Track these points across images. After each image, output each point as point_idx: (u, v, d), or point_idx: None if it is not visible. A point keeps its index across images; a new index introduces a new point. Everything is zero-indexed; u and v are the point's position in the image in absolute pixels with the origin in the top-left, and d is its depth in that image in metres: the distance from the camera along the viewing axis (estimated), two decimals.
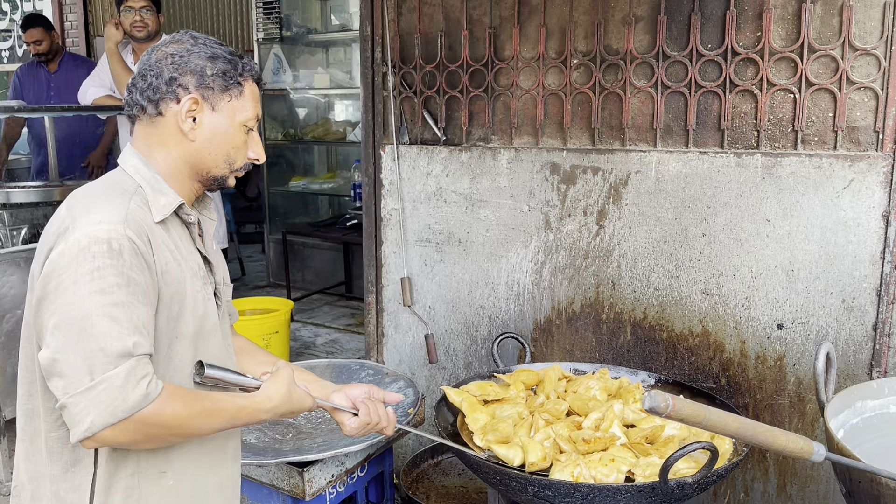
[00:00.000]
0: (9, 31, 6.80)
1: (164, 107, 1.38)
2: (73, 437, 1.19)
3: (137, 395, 1.18)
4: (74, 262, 1.21)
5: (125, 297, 1.21)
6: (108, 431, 1.17)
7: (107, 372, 1.17)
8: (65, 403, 1.18)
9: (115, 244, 1.23)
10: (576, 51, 2.57)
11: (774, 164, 2.28)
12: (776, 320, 2.33)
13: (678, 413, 1.13)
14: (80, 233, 1.23)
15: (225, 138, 1.42)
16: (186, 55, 1.38)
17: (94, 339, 1.17)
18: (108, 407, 1.16)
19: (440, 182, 2.92)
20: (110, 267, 1.21)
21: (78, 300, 1.19)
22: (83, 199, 1.33)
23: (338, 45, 6.04)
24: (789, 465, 2.39)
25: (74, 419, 1.17)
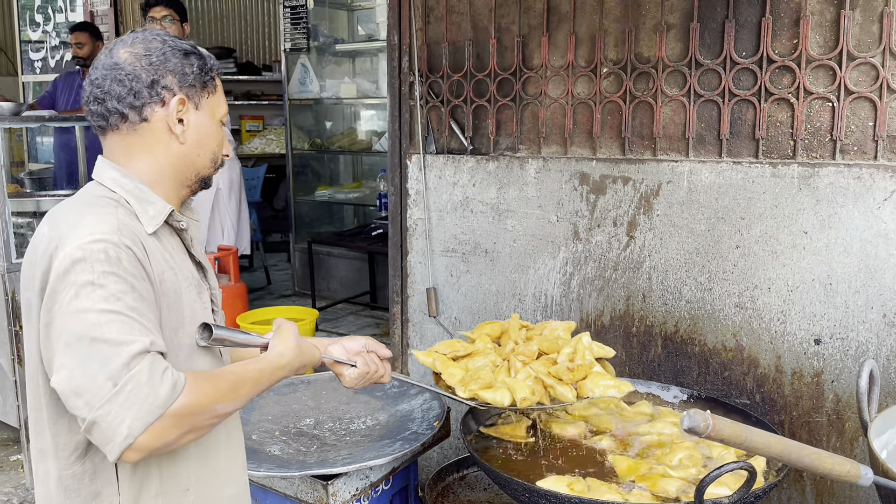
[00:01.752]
0: (42, 42, 6.92)
1: (148, 112, 1.31)
2: (112, 453, 1.10)
3: (166, 386, 1.11)
4: (72, 275, 1.15)
5: (131, 302, 1.15)
6: (148, 434, 1.09)
7: (129, 373, 1.09)
8: (93, 419, 1.08)
9: (112, 252, 1.17)
10: (606, 59, 2.53)
11: (812, 174, 2.21)
12: (813, 335, 2.26)
13: (718, 433, 1.09)
14: (71, 247, 1.16)
15: (210, 136, 1.39)
16: (161, 55, 1.32)
17: (108, 344, 1.10)
18: (142, 406, 1.09)
19: (467, 192, 2.89)
20: (111, 275, 1.15)
21: (81, 311, 1.12)
22: (65, 216, 1.26)
23: (364, 55, 6.05)
24: (827, 486, 2.31)
25: (109, 431, 1.08)
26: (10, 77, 8.64)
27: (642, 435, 2.01)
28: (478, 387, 1.88)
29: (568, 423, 2.11)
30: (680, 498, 1.67)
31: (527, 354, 2.03)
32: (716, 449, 1.92)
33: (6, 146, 4.04)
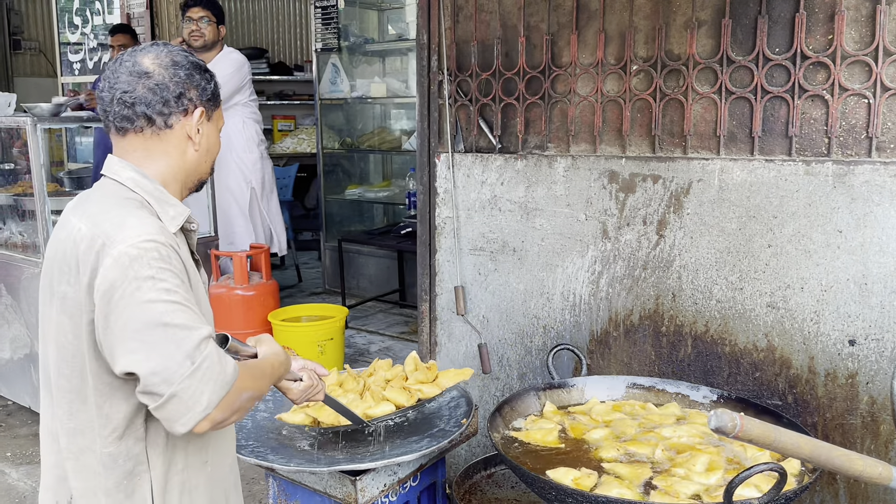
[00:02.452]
0: (80, 45, 7.07)
1: (173, 120, 1.45)
2: (188, 424, 1.22)
3: (231, 367, 1.26)
4: (132, 271, 1.25)
5: (186, 296, 1.29)
6: (219, 407, 1.24)
7: (202, 353, 1.23)
8: (174, 392, 1.20)
9: (164, 251, 1.30)
10: (636, 56, 2.51)
11: (846, 172, 2.17)
12: (848, 336, 2.22)
13: (747, 433, 1.08)
14: (126, 245, 1.28)
15: (216, 144, 1.56)
16: (187, 71, 1.46)
17: (179, 329, 1.23)
18: (217, 381, 1.23)
19: (495, 190, 2.89)
20: (167, 271, 1.28)
21: (149, 300, 1.24)
22: (103, 215, 1.35)
23: (394, 55, 6.08)
24: (861, 489, 2.27)
25: (190, 402, 1.21)
26: (50, 78, 8.84)
27: (664, 439, 1.99)
28: (363, 409, 2.19)
29: (592, 429, 2.09)
30: (700, 496, 1.66)
31: (380, 384, 2.37)
32: (749, 450, 1.90)
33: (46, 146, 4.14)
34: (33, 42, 10.04)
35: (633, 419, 2.14)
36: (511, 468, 1.86)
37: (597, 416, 2.18)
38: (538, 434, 2.05)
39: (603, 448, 1.94)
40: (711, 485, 1.71)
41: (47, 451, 1.47)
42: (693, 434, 2.00)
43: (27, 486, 3.51)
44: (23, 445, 3.93)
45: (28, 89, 9.10)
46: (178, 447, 1.43)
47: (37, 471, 3.64)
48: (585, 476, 1.79)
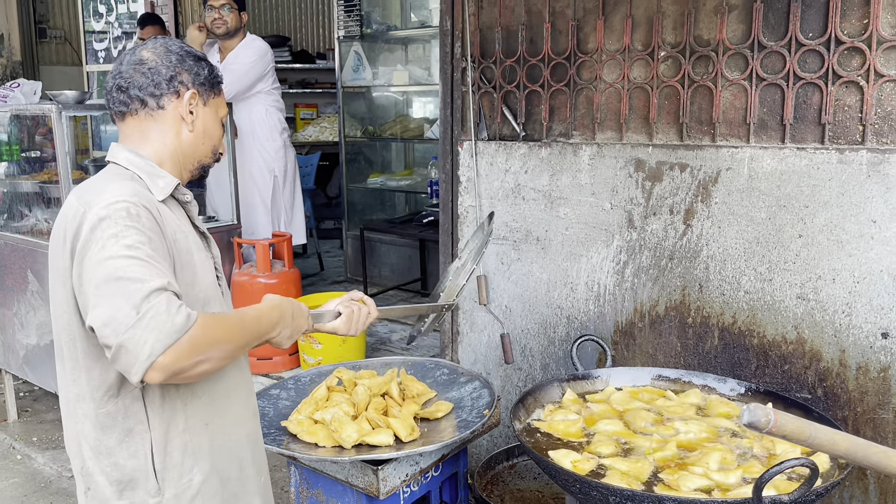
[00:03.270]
0: (104, 33, 7.11)
1: (165, 101, 1.52)
2: (137, 373, 1.24)
3: (182, 316, 1.25)
4: (98, 230, 1.32)
5: (150, 252, 1.32)
6: (168, 355, 1.23)
7: (149, 304, 1.24)
8: (120, 343, 1.23)
9: (133, 210, 1.35)
10: (663, 42, 2.46)
11: (882, 160, 2.11)
12: (881, 329, 2.17)
13: (780, 429, 1.04)
14: (97, 208, 1.35)
15: (214, 130, 1.62)
16: (179, 56, 1.54)
17: (131, 281, 1.26)
18: (161, 331, 1.23)
19: (518, 179, 2.86)
20: (132, 228, 1.33)
21: (108, 256, 1.29)
22: (89, 189, 1.44)
23: (417, 42, 6.04)
24: (892, 484, 2.23)
25: (134, 352, 1.22)
26: (75, 67, 8.92)
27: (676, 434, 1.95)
28: (358, 435, 2.12)
29: (609, 420, 2.06)
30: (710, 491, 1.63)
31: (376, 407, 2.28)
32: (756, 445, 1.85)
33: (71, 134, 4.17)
34: (59, 31, 10.13)
35: (648, 410, 2.09)
36: (535, 460, 1.84)
37: (616, 405, 2.14)
38: (560, 426, 2.02)
39: (601, 443, 1.90)
40: (724, 483, 1.67)
41: (67, 421, 1.53)
42: (703, 429, 1.96)
43: (52, 471, 3.56)
44: (48, 430, 3.98)
45: (53, 77, 9.18)
46: (178, 407, 1.47)
47: (62, 456, 3.69)
48: (585, 460, 1.80)
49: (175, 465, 1.47)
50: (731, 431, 1.97)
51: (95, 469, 1.47)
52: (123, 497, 1.45)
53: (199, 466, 1.50)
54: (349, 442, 2.12)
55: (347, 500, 2.19)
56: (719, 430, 1.97)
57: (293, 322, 1.57)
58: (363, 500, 2.15)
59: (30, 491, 3.39)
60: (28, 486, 3.43)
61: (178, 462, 1.47)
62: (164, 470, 1.46)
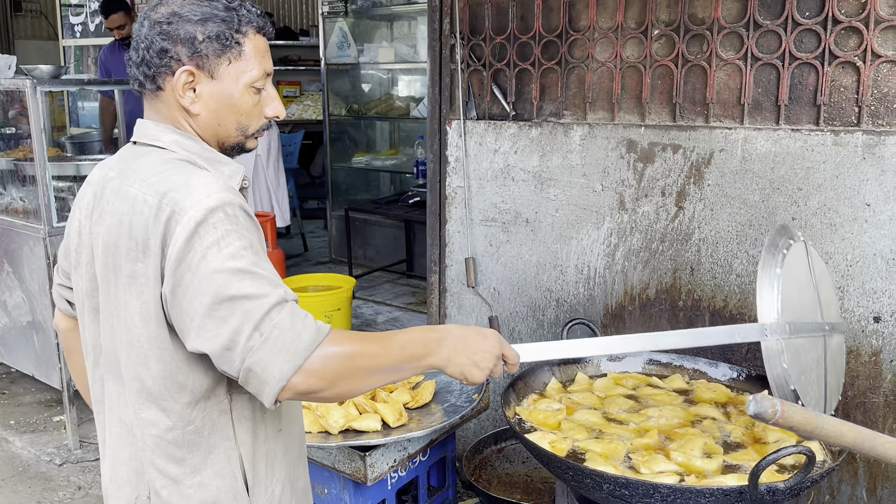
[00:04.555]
0: (81, 6, 6.93)
1: (161, 81, 1.29)
2: (269, 397, 1.13)
3: (310, 330, 1.13)
4: (196, 238, 1.14)
5: (254, 257, 1.17)
6: (299, 376, 1.12)
7: (272, 322, 1.12)
8: (248, 367, 1.12)
9: (230, 210, 1.18)
10: (657, 20, 2.41)
11: (877, 142, 2.08)
12: (873, 312, 2.15)
13: (787, 420, 1.01)
14: (192, 211, 1.16)
15: (231, 106, 1.31)
16: (176, 22, 1.26)
17: (245, 300, 1.12)
18: (288, 350, 1.11)
19: (508, 159, 2.81)
20: (233, 233, 1.16)
21: (213, 272, 1.13)
22: (165, 182, 1.22)
23: (402, 19, 5.94)
24: (881, 468, 2.22)
25: (263, 376, 1.12)
26: (52, 41, 8.70)
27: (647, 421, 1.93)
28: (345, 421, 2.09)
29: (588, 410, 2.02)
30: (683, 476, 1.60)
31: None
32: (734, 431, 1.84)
33: (47, 110, 4.05)
34: (34, 4, 9.88)
35: (626, 398, 2.06)
36: (525, 445, 1.81)
37: (598, 392, 2.11)
38: (540, 416, 1.98)
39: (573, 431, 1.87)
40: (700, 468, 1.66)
41: (121, 444, 1.33)
42: (677, 415, 1.93)
43: (30, 455, 3.49)
44: (26, 413, 3.91)
45: (29, 52, 8.96)
46: (258, 417, 1.33)
47: (41, 439, 3.62)
48: (561, 440, 1.78)
49: (261, 479, 1.34)
50: (711, 418, 1.94)
51: (172, 495, 1.29)
52: None
53: (276, 476, 1.37)
54: (336, 427, 2.08)
55: (334, 486, 2.15)
56: (697, 417, 1.94)
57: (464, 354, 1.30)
58: (350, 486, 2.11)
59: (7, 475, 3.32)
60: (5, 469, 3.36)
61: (263, 475, 1.34)
62: (253, 486, 1.32)
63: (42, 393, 4.09)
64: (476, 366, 1.31)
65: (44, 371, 3.62)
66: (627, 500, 1.54)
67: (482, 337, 1.34)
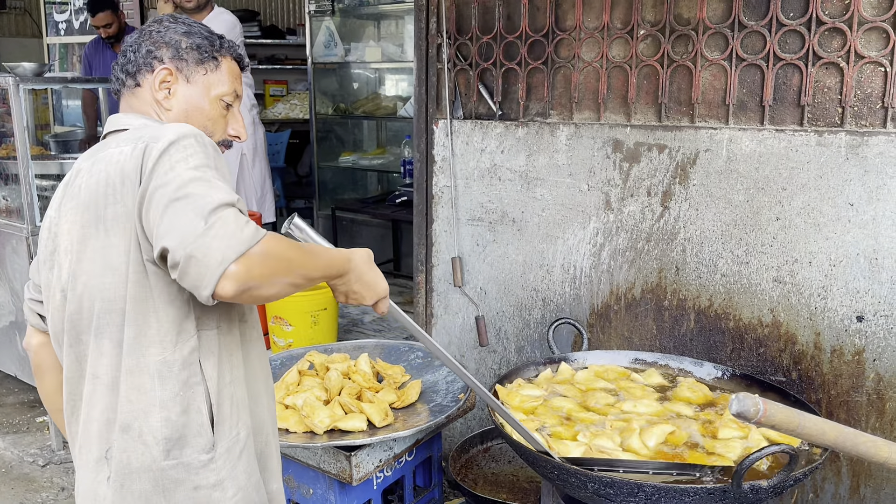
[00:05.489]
0: (65, 4, 6.86)
1: (141, 78, 1.44)
2: (207, 284, 1.16)
3: (250, 229, 1.20)
4: (166, 155, 1.24)
5: (216, 175, 1.26)
6: (240, 264, 1.17)
7: (217, 214, 1.18)
8: (189, 253, 1.16)
9: (201, 139, 1.29)
10: (643, 20, 2.42)
11: (860, 143, 2.10)
12: (856, 312, 2.17)
13: (769, 419, 1.02)
14: (165, 137, 1.26)
15: (200, 110, 1.47)
16: (164, 31, 1.45)
17: (198, 197, 1.20)
18: (229, 239, 1.17)
19: (494, 159, 2.80)
20: (200, 153, 1.26)
21: (176, 176, 1.22)
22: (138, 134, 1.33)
23: (390, 18, 5.93)
24: (864, 466, 2.24)
25: (203, 261, 1.16)
26: (35, 39, 8.62)
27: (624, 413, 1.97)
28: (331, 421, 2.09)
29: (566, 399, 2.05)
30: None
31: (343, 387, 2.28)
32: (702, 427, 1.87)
33: (30, 107, 4.01)
34: (19, 1, 9.78)
35: (606, 391, 2.08)
36: (511, 445, 1.81)
37: (580, 385, 2.13)
38: (516, 399, 2.00)
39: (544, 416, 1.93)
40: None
41: (94, 401, 1.36)
42: (653, 411, 1.96)
43: (13, 456, 3.46)
44: (9, 414, 3.87)
45: (12, 49, 8.87)
46: (224, 359, 1.39)
47: (24, 440, 3.59)
48: (530, 420, 1.83)
49: (225, 419, 1.38)
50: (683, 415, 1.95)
51: (137, 432, 1.32)
52: (170, 457, 1.33)
53: (242, 420, 1.42)
54: (321, 427, 2.07)
55: (319, 486, 2.14)
56: (669, 413, 1.96)
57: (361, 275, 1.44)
58: (335, 487, 2.10)
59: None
60: None
61: (227, 415, 1.38)
62: (218, 423, 1.37)
63: (25, 394, 4.05)
64: (361, 297, 1.46)
65: (27, 371, 3.58)
66: (612, 499, 1.54)
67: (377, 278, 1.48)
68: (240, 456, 1.39)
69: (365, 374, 2.32)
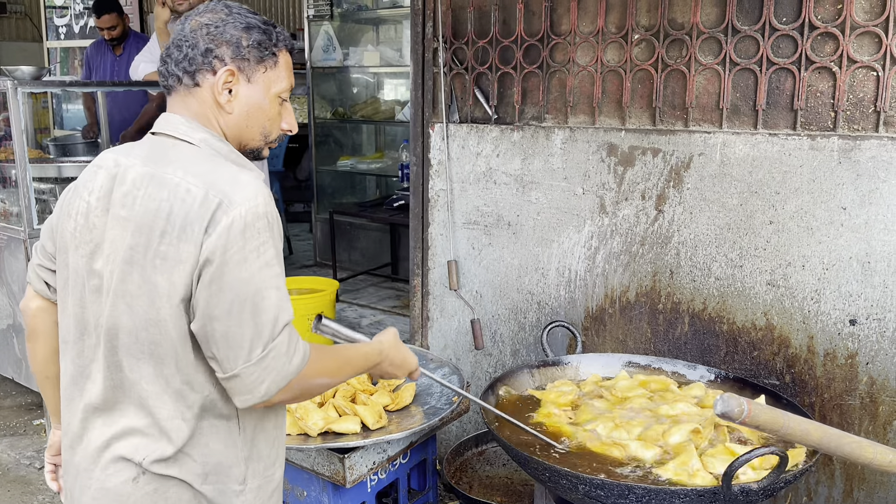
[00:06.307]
0: (65, 9, 6.89)
1: (200, 78, 1.37)
2: (244, 403, 1.27)
3: (298, 358, 1.28)
4: (241, 239, 1.24)
5: (279, 268, 1.29)
6: (279, 394, 1.28)
7: (274, 340, 1.25)
8: (238, 373, 1.24)
9: (270, 217, 1.29)
10: (637, 25, 2.43)
11: (853, 147, 2.11)
12: (849, 315, 2.17)
13: (754, 419, 1.02)
14: (243, 209, 1.25)
15: (261, 110, 1.42)
16: (222, 25, 1.37)
17: (264, 311, 1.24)
18: (279, 373, 1.26)
19: (490, 162, 2.82)
20: (269, 241, 1.27)
21: (249, 276, 1.24)
22: (211, 173, 1.29)
23: (388, 23, 5.95)
24: (857, 470, 2.24)
25: (248, 387, 1.25)
26: (36, 43, 8.64)
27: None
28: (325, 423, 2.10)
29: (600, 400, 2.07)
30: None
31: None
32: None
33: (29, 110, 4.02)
34: (19, 5, 9.80)
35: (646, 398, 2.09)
36: (503, 447, 1.81)
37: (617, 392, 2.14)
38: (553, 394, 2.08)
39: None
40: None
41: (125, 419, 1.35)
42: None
43: (10, 458, 3.46)
44: (6, 417, 3.87)
45: (13, 54, 8.89)
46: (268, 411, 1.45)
47: (21, 442, 3.60)
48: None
49: (262, 457, 1.43)
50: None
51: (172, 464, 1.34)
52: (208, 482, 1.36)
53: (279, 461, 1.49)
54: (315, 430, 2.08)
55: (313, 488, 2.15)
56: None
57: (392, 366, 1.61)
58: (329, 489, 2.11)
59: None
60: None
61: (265, 454, 1.43)
62: (249, 459, 1.40)
63: (22, 396, 4.06)
64: (394, 376, 1.65)
65: (24, 374, 3.59)
66: (602, 501, 1.55)
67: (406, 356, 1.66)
68: (271, 496, 1.46)
69: (359, 377, 2.32)
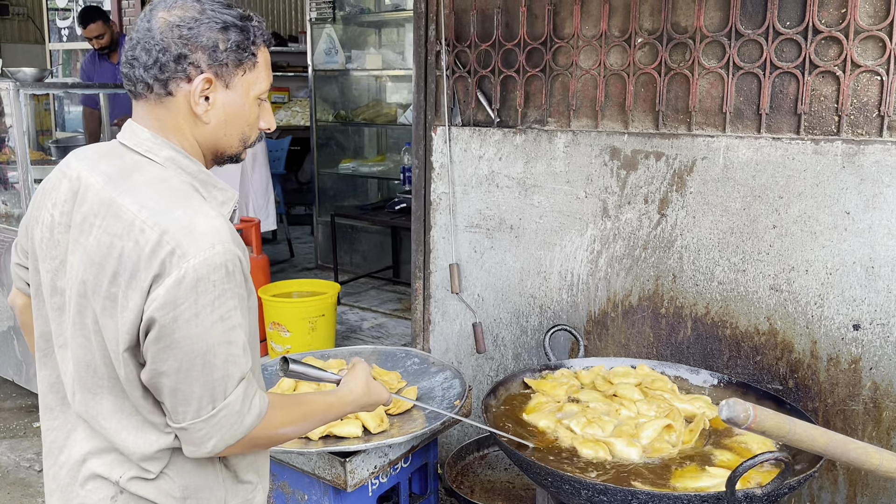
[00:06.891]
0: (68, 10, 6.90)
1: (173, 86, 1.24)
2: (191, 454, 1.24)
3: (252, 416, 1.23)
4: (193, 294, 1.14)
5: (238, 319, 1.20)
6: (227, 450, 1.24)
7: (226, 398, 1.19)
8: (186, 427, 1.20)
9: (230, 266, 1.18)
10: (640, 29, 2.43)
11: (856, 151, 2.10)
12: (852, 320, 2.17)
13: (759, 425, 1.01)
14: (196, 261, 1.14)
15: (240, 116, 1.30)
16: (196, 27, 1.23)
17: (215, 369, 1.18)
18: (228, 431, 1.21)
19: (493, 166, 2.81)
20: (228, 292, 1.18)
21: (200, 333, 1.15)
22: (166, 213, 1.18)
23: (391, 26, 5.95)
24: (861, 476, 2.23)
25: (196, 441, 1.21)
26: (38, 45, 8.66)
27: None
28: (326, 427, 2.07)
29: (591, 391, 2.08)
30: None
31: None
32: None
33: (31, 113, 4.03)
34: (21, 7, 9.84)
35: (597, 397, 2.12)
36: (505, 451, 1.80)
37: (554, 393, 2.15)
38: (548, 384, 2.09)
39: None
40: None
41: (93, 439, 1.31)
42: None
43: (10, 460, 3.45)
44: (6, 419, 3.87)
45: (16, 55, 8.92)
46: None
47: (20, 445, 3.59)
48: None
49: (244, 481, 1.39)
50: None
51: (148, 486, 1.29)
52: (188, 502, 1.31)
53: (262, 483, 1.44)
54: (316, 433, 2.07)
55: (314, 492, 2.14)
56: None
57: (363, 408, 1.57)
58: (330, 493, 2.10)
59: None
60: None
61: (246, 479, 1.39)
62: (229, 482, 1.36)
63: (22, 398, 4.05)
64: (368, 411, 1.65)
65: (24, 376, 3.58)
66: None
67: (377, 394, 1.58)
68: None
69: None
